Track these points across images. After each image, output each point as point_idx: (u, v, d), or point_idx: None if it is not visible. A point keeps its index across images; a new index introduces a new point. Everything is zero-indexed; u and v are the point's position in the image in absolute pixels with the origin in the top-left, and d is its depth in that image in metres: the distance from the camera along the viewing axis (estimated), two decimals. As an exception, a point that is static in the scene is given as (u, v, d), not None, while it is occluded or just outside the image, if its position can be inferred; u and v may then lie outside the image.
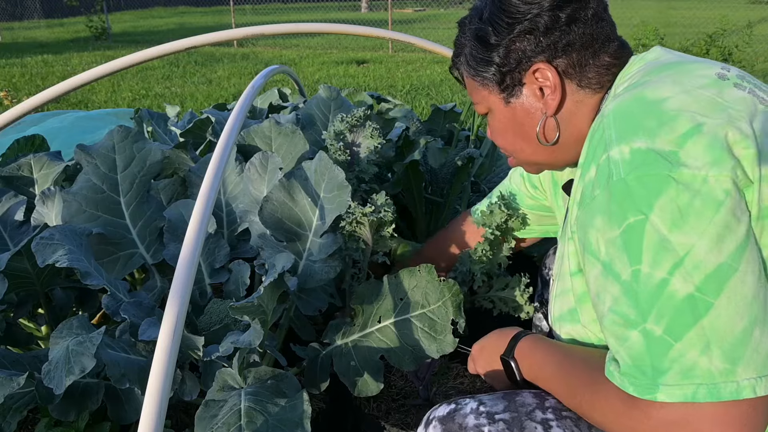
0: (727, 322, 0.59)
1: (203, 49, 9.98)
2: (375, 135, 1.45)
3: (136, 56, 1.32)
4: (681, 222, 0.61)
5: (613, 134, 0.70)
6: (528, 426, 0.79)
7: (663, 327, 0.61)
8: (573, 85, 0.87)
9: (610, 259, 0.67)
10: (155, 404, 0.70)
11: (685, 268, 0.60)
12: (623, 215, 0.65)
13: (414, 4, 19.98)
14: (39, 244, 1.10)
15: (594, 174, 0.71)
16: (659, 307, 0.62)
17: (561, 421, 0.79)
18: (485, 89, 0.94)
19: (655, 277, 0.62)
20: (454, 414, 0.84)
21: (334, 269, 1.23)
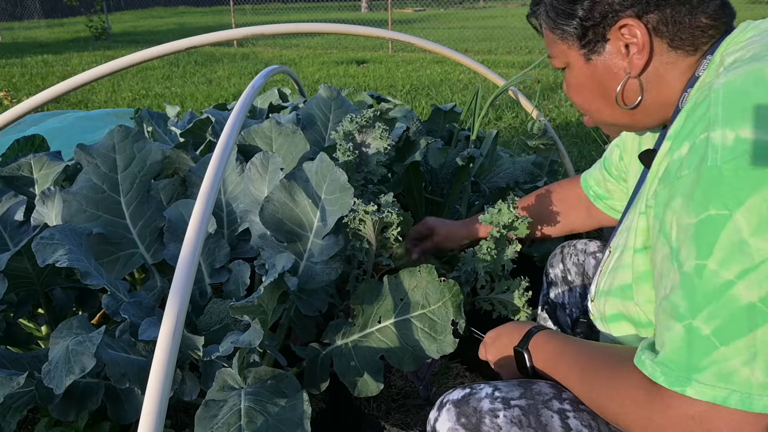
0: None
1: (203, 49, 9.98)
2: (384, 136, 1.45)
3: (136, 56, 1.32)
4: (766, 227, 0.57)
5: (720, 114, 0.62)
6: (544, 414, 0.78)
7: (713, 328, 0.59)
8: (663, 44, 0.78)
9: (678, 246, 0.63)
10: (155, 404, 0.70)
11: (757, 276, 0.57)
12: (705, 205, 0.60)
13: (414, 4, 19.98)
14: (39, 244, 1.10)
15: (686, 152, 0.65)
16: (715, 307, 0.59)
17: (578, 413, 0.78)
18: (564, 43, 0.86)
19: (720, 276, 0.59)
20: (469, 398, 0.82)
21: (335, 271, 1.23)
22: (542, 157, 2.11)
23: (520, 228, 1.30)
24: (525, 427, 0.77)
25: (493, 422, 0.78)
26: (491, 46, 9.89)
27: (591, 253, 1.27)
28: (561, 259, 1.33)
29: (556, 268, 1.34)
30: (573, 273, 1.29)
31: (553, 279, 1.35)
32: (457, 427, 0.80)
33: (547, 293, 1.37)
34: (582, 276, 1.27)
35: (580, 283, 1.28)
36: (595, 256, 1.26)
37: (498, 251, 1.32)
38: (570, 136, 4.21)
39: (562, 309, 1.33)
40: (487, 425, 0.78)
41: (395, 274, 1.21)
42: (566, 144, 3.95)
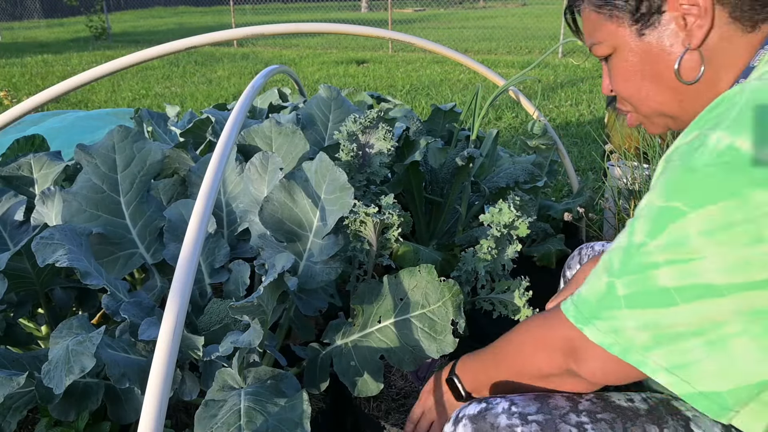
0: (674, 321, 0.63)
1: (203, 49, 9.99)
2: (388, 137, 1.45)
3: (136, 56, 1.32)
4: (713, 234, 0.60)
5: (732, 116, 0.62)
6: (562, 429, 0.77)
7: (626, 292, 0.66)
8: (724, 13, 0.74)
9: (640, 215, 0.68)
10: (155, 404, 0.70)
11: (681, 268, 0.62)
12: (673, 196, 0.63)
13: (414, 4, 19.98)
14: (39, 244, 1.10)
15: (689, 141, 0.66)
16: (637, 278, 0.65)
17: (596, 424, 0.78)
18: (613, 22, 0.81)
19: (652, 257, 0.64)
20: (486, 413, 0.82)
21: (335, 271, 1.23)
22: (542, 157, 2.12)
23: (520, 228, 1.30)
24: None
25: None
26: (491, 46, 9.89)
27: None
28: (579, 260, 1.31)
29: (573, 269, 1.32)
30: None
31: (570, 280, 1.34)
32: None
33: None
34: None
35: None
36: None
37: (498, 251, 1.32)
38: (570, 136, 4.21)
39: None
40: None
41: (395, 274, 1.21)
42: (566, 144, 3.95)
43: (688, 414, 0.79)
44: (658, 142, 2.10)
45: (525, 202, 1.44)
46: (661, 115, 0.86)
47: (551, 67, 7.43)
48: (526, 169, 1.86)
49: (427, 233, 1.85)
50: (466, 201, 1.75)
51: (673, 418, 0.78)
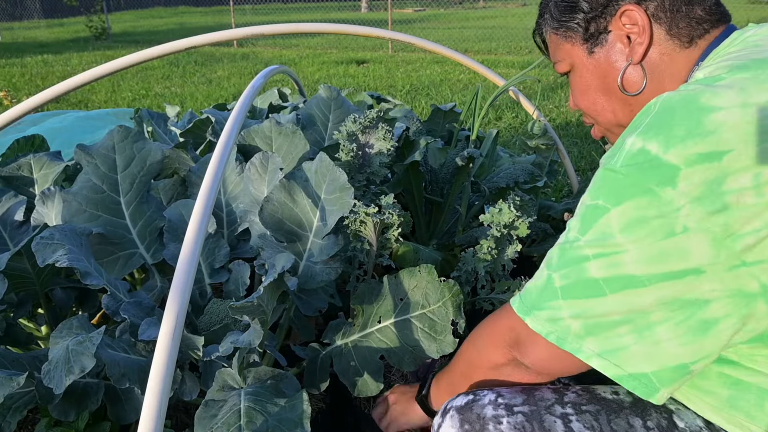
0: (604, 310, 0.68)
1: (203, 49, 9.99)
2: (388, 137, 1.45)
3: (136, 56, 1.32)
4: (631, 229, 0.65)
5: (644, 123, 0.68)
6: (547, 419, 0.80)
7: (562, 284, 0.71)
8: (662, 31, 0.83)
9: (575, 216, 0.74)
10: (155, 404, 0.70)
11: (607, 261, 0.67)
12: (597, 195, 0.70)
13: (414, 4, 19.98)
14: (39, 244, 1.10)
15: (613, 146, 0.73)
16: (570, 270, 0.70)
17: (580, 415, 0.80)
18: (569, 42, 0.91)
19: (583, 251, 0.69)
20: (472, 404, 0.84)
21: (335, 271, 1.23)
22: (542, 157, 2.11)
23: (520, 228, 1.30)
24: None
25: (497, 428, 0.80)
26: (491, 46, 9.89)
27: None
28: None
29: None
30: None
31: None
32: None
33: None
34: None
35: None
36: None
37: (498, 251, 1.32)
38: (570, 136, 4.21)
39: None
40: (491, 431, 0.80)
41: (395, 274, 1.21)
42: (566, 144, 3.95)
43: (671, 407, 0.82)
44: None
45: (525, 202, 1.44)
46: (618, 125, 0.94)
47: (551, 67, 7.42)
48: (526, 169, 1.86)
49: (427, 233, 1.85)
50: (466, 201, 1.75)
51: (656, 411, 0.81)
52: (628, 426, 0.79)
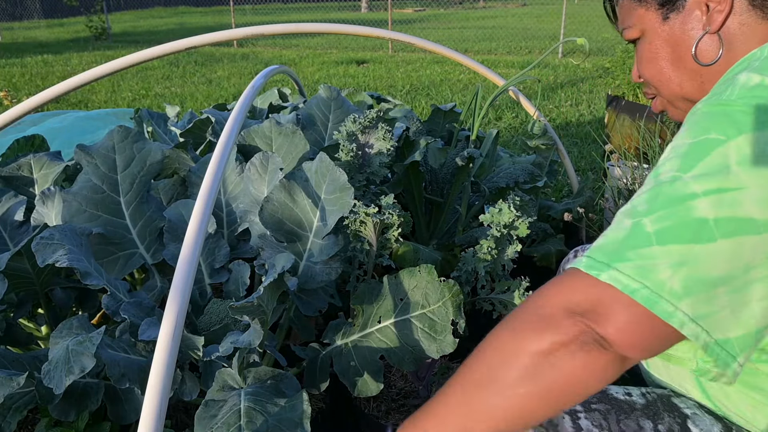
0: (711, 262, 0.56)
1: (203, 49, 9.99)
2: (387, 137, 1.45)
3: (136, 56, 1.32)
4: (754, 162, 0.56)
5: (756, 64, 0.65)
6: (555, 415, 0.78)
7: (657, 227, 0.58)
8: (744, 1, 0.77)
9: (663, 162, 0.63)
10: (155, 404, 0.70)
11: (722, 199, 0.56)
12: (707, 129, 0.61)
13: (414, 4, 19.99)
14: (39, 244, 1.10)
15: (711, 93, 0.66)
16: (670, 211, 0.58)
17: (589, 413, 0.78)
18: (643, 6, 0.86)
19: (689, 187, 0.58)
20: None
21: (335, 271, 1.23)
22: (542, 157, 2.11)
23: (520, 228, 1.30)
24: (537, 428, 0.78)
25: None
26: (491, 46, 9.89)
27: None
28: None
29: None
30: None
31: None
32: None
33: None
34: None
35: None
36: None
37: (498, 251, 1.32)
38: (570, 136, 4.21)
39: None
40: None
41: (395, 274, 1.21)
42: (566, 144, 3.95)
43: (687, 412, 0.80)
44: (657, 142, 2.10)
45: (525, 202, 1.44)
46: (682, 99, 0.88)
47: (551, 67, 7.43)
48: (526, 169, 1.86)
49: (427, 233, 1.85)
50: (466, 201, 1.75)
51: (669, 415, 0.79)
52: (638, 428, 0.77)
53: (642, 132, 2.25)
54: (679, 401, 0.82)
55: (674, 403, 0.82)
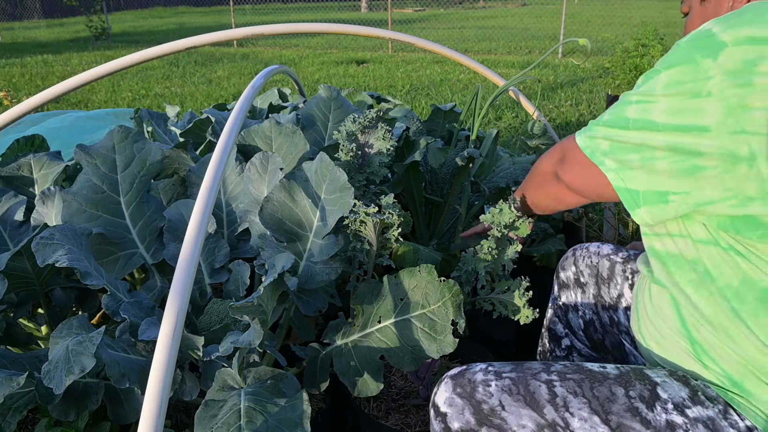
0: (625, 138, 0.82)
1: (203, 49, 9.99)
2: (387, 137, 1.45)
3: (136, 56, 1.32)
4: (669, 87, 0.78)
5: (721, 19, 0.79)
6: (532, 384, 0.87)
7: (607, 118, 0.86)
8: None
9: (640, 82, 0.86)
10: (155, 404, 0.70)
11: (642, 107, 0.81)
12: (659, 63, 0.82)
13: (414, 4, 19.99)
14: (39, 244, 1.10)
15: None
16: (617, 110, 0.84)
17: (564, 382, 0.87)
18: None
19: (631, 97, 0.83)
20: (465, 372, 0.92)
21: (335, 271, 1.23)
22: (542, 157, 2.11)
23: (521, 228, 1.30)
24: (514, 395, 0.87)
25: (486, 390, 0.88)
26: (491, 46, 9.89)
27: (605, 255, 1.27)
28: (573, 261, 1.32)
29: (567, 271, 1.34)
30: (586, 275, 1.29)
31: (564, 281, 1.34)
32: (453, 396, 0.90)
33: (558, 296, 1.37)
34: (596, 277, 1.27)
35: (593, 284, 1.28)
36: (609, 258, 1.26)
37: (498, 251, 1.32)
38: (570, 136, 4.20)
39: (575, 311, 1.33)
40: (480, 393, 0.88)
41: (395, 274, 1.21)
42: (566, 144, 3.94)
43: (657, 380, 0.87)
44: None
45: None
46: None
47: (551, 67, 7.43)
48: (526, 169, 1.86)
49: (427, 233, 1.85)
50: (466, 201, 1.75)
51: (640, 383, 0.86)
52: (610, 393, 0.84)
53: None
54: (651, 372, 0.89)
55: (646, 373, 0.89)
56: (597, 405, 0.84)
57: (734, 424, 0.81)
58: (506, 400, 0.86)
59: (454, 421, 0.88)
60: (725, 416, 0.82)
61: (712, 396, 0.84)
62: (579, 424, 0.82)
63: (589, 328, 1.31)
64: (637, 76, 2.72)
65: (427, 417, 1.34)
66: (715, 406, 0.83)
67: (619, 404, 0.83)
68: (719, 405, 0.83)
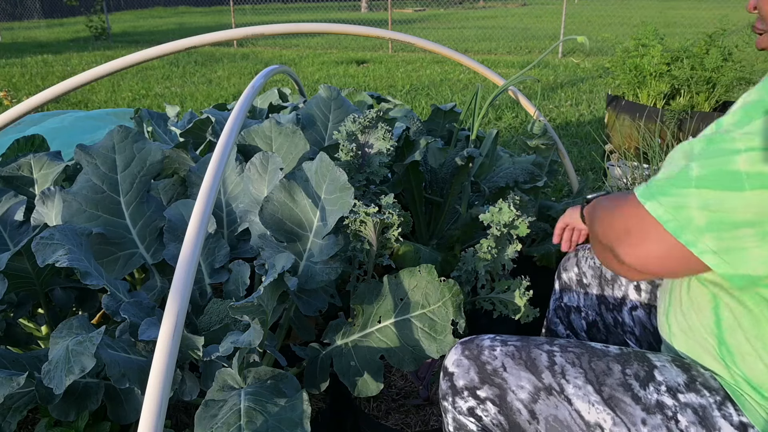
0: (735, 206, 0.66)
1: (203, 49, 9.99)
2: (387, 137, 1.45)
3: (136, 56, 1.32)
4: None
5: None
6: (534, 352, 0.93)
7: (700, 173, 0.68)
8: None
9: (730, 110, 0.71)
10: (155, 404, 0.70)
11: (759, 156, 0.64)
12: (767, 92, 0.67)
13: (414, 4, 19.99)
14: (39, 244, 1.10)
15: None
16: (715, 161, 0.67)
17: (564, 353, 0.92)
18: None
19: (735, 143, 0.66)
20: (474, 339, 0.99)
21: (335, 271, 1.23)
22: (542, 157, 2.11)
23: (520, 227, 1.30)
24: (516, 359, 0.93)
25: (491, 353, 0.94)
26: (491, 46, 9.89)
27: None
28: (576, 262, 1.32)
29: (570, 272, 1.33)
30: (589, 276, 1.29)
31: (566, 282, 1.34)
32: (461, 358, 0.96)
33: (560, 297, 1.36)
34: (599, 279, 1.27)
35: (597, 286, 1.27)
36: None
37: (498, 250, 1.32)
38: (570, 136, 4.21)
39: (577, 312, 1.32)
40: (485, 355, 0.94)
41: (395, 274, 1.21)
42: (566, 144, 3.95)
43: (657, 363, 0.89)
44: (657, 142, 2.10)
45: (525, 201, 1.44)
46: None
47: (551, 67, 7.43)
48: (526, 169, 1.86)
49: (427, 233, 1.85)
50: (466, 201, 1.75)
51: (639, 363, 0.89)
52: (607, 368, 0.88)
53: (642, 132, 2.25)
54: (653, 356, 0.91)
55: (647, 356, 0.91)
56: (592, 376, 0.88)
57: (727, 416, 0.82)
58: (508, 363, 0.92)
59: (460, 379, 0.94)
60: (720, 407, 0.82)
61: (712, 386, 0.85)
62: (573, 391, 0.87)
63: (592, 329, 1.30)
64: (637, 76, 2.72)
65: (427, 417, 1.35)
66: (713, 396, 0.84)
67: (614, 378, 0.87)
68: (717, 396, 0.84)
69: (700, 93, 2.59)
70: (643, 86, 2.67)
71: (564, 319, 1.36)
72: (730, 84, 2.63)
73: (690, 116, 2.33)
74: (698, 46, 2.73)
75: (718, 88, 2.61)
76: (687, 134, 2.27)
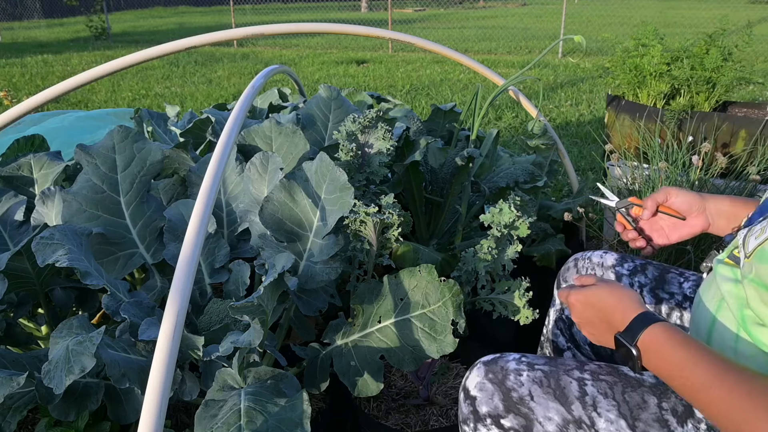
0: None
1: (203, 49, 9.98)
2: (387, 137, 1.45)
3: (136, 56, 1.32)
4: None
5: None
6: (564, 379, 0.86)
7: None
8: None
9: None
10: (155, 404, 0.70)
11: None
12: None
13: (414, 4, 19.98)
14: (39, 244, 1.10)
15: None
16: None
17: (596, 382, 0.85)
18: None
19: None
20: (498, 359, 0.92)
21: (335, 270, 1.23)
22: (542, 157, 2.11)
23: (521, 228, 1.29)
24: (545, 387, 0.86)
25: (517, 379, 0.88)
26: (491, 46, 9.89)
27: (609, 266, 1.22)
28: (576, 271, 1.28)
29: (570, 281, 1.29)
30: None
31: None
32: (484, 381, 0.90)
33: (561, 308, 1.33)
34: None
35: None
36: (615, 270, 1.21)
37: (499, 251, 1.32)
38: (570, 136, 4.21)
39: None
40: (511, 381, 0.88)
41: (395, 274, 1.21)
42: (566, 144, 3.95)
43: None
44: (657, 142, 2.10)
45: (525, 202, 1.44)
46: None
47: (551, 67, 7.43)
48: (526, 169, 1.86)
49: (427, 233, 1.85)
50: (466, 201, 1.75)
51: (677, 397, 0.82)
52: (642, 401, 0.81)
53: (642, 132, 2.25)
54: None
55: None
56: (626, 409, 0.82)
57: None
58: (536, 391, 0.86)
59: (483, 405, 0.89)
60: None
61: None
62: (605, 425, 0.81)
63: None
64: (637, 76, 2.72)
65: (427, 417, 1.34)
66: None
67: (649, 413, 0.81)
68: None
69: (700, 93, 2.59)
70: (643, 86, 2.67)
71: (566, 331, 1.33)
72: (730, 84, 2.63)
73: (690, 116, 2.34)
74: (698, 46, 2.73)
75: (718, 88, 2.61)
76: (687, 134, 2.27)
